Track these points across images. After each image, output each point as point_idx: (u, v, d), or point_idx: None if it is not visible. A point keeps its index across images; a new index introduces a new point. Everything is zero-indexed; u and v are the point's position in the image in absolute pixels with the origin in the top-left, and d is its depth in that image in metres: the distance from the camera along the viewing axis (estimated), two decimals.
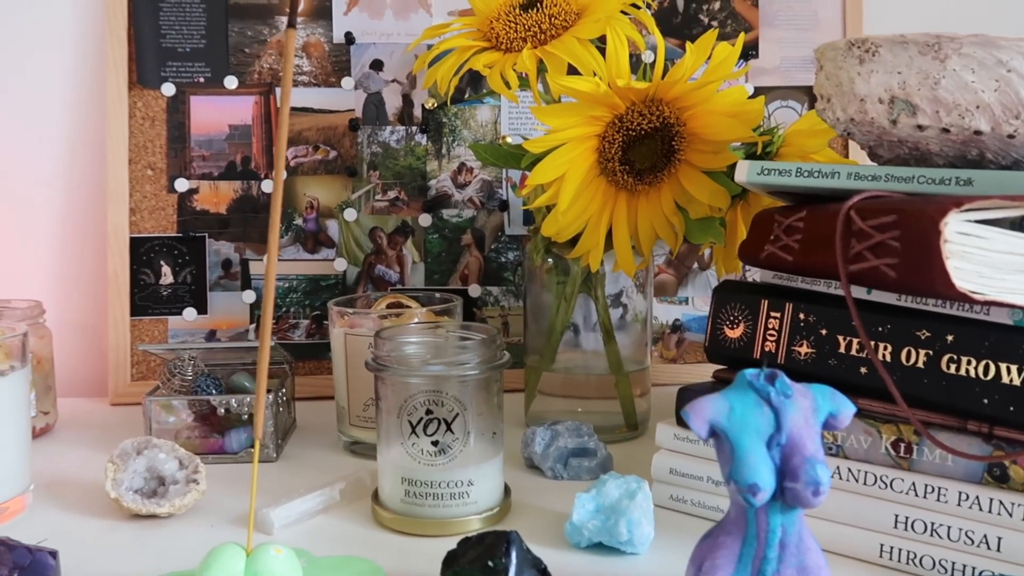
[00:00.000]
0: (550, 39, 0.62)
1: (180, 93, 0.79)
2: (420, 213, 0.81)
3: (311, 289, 0.80)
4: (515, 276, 0.82)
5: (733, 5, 0.84)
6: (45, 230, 0.81)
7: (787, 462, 0.35)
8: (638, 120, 0.57)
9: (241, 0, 0.80)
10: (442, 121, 0.81)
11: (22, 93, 0.80)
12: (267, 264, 0.39)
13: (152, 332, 0.78)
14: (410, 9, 0.81)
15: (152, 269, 0.79)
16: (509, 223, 0.82)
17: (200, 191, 0.79)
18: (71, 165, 0.81)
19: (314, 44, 0.81)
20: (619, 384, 0.67)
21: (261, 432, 0.40)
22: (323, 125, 0.80)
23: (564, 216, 0.58)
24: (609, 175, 0.59)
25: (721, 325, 0.56)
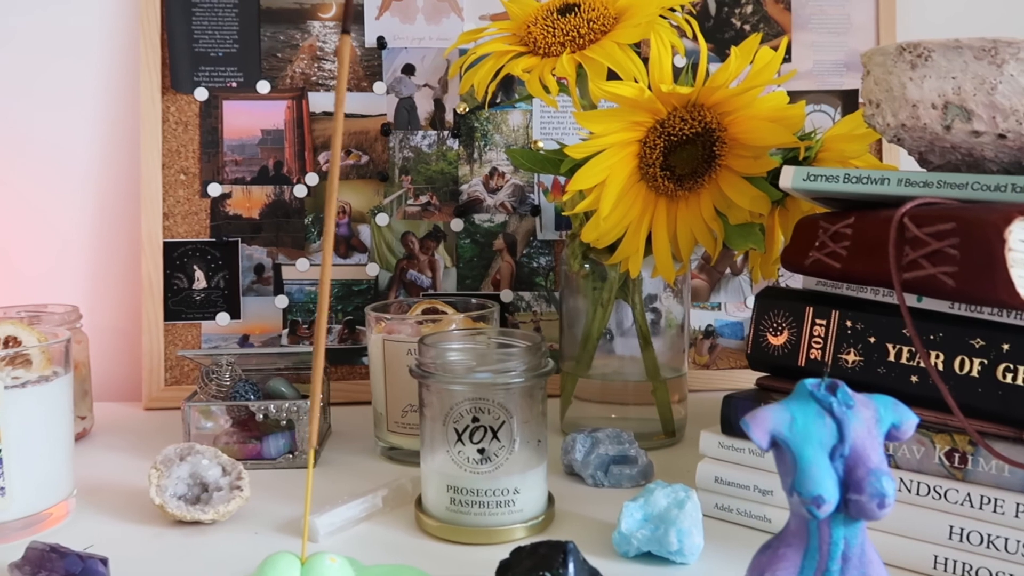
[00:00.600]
0: (588, 44, 0.62)
1: (213, 98, 0.79)
2: (452, 218, 0.81)
3: (343, 294, 0.80)
4: (547, 281, 0.82)
5: (765, 8, 0.84)
6: (80, 235, 0.81)
7: (851, 474, 0.34)
8: (680, 125, 0.57)
9: (273, 5, 0.80)
10: (474, 126, 0.81)
11: (56, 98, 0.81)
12: (322, 268, 0.39)
13: (185, 337, 0.79)
14: (442, 13, 0.81)
15: (185, 274, 0.79)
16: (541, 228, 0.82)
17: (233, 196, 0.79)
18: (105, 170, 0.81)
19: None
20: (656, 391, 0.66)
21: (315, 439, 0.39)
22: (355, 130, 0.81)
23: (604, 222, 0.58)
24: (649, 180, 0.59)
25: (764, 332, 0.55)
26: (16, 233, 0.81)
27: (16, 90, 0.80)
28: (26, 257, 0.81)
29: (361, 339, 0.80)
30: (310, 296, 0.80)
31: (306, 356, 0.67)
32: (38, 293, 0.79)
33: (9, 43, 0.80)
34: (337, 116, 0.38)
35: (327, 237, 0.40)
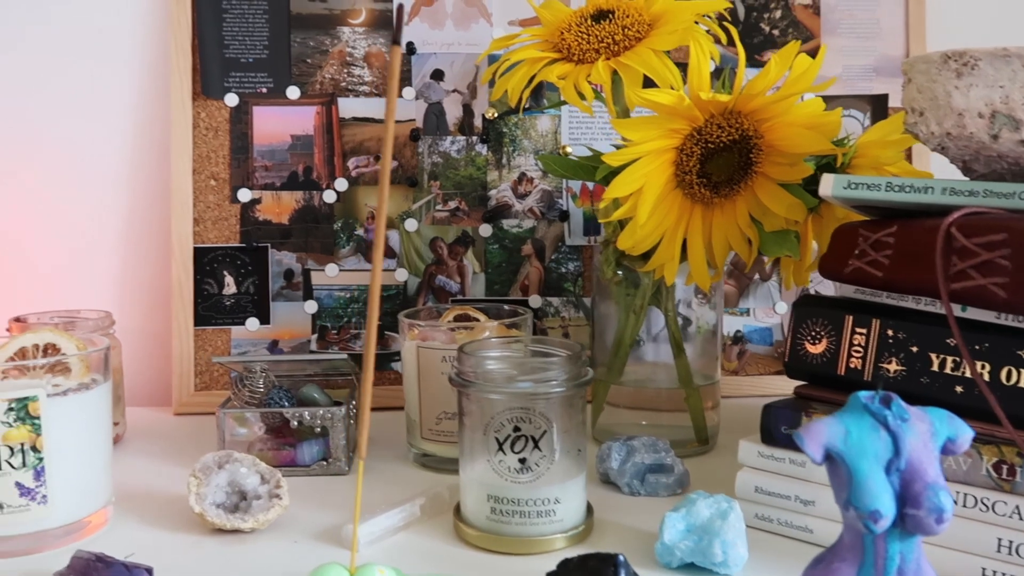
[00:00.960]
0: (623, 50, 0.62)
1: (243, 103, 0.79)
2: (480, 223, 0.81)
3: None
4: (575, 286, 0.82)
5: (794, 13, 0.84)
6: (110, 239, 0.82)
7: (908, 488, 0.34)
8: (717, 132, 0.57)
9: (303, 11, 0.80)
10: (502, 131, 0.81)
11: (87, 104, 0.81)
12: (372, 279, 0.39)
13: (215, 342, 0.79)
14: (471, 19, 0.81)
15: (215, 279, 0.79)
16: (569, 233, 0.82)
17: (263, 201, 0.80)
18: (135, 176, 0.82)
19: (375, 54, 0.81)
20: (689, 398, 0.66)
21: (365, 450, 0.39)
22: (384, 135, 0.80)
23: (641, 229, 0.58)
24: (686, 188, 0.59)
25: (802, 340, 0.55)
26: (47, 239, 0.81)
27: (47, 96, 0.81)
28: (57, 263, 0.81)
29: (390, 344, 0.80)
30: (339, 301, 0.80)
31: (338, 362, 0.68)
32: (69, 298, 0.79)
33: (40, 49, 0.80)
34: (388, 125, 0.38)
35: (377, 248, 0.40)
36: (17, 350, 0.54)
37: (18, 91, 0.80)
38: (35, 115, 0.81)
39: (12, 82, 0.80)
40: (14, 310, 0.71)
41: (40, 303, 0.78)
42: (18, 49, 0.80)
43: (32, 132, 0.81)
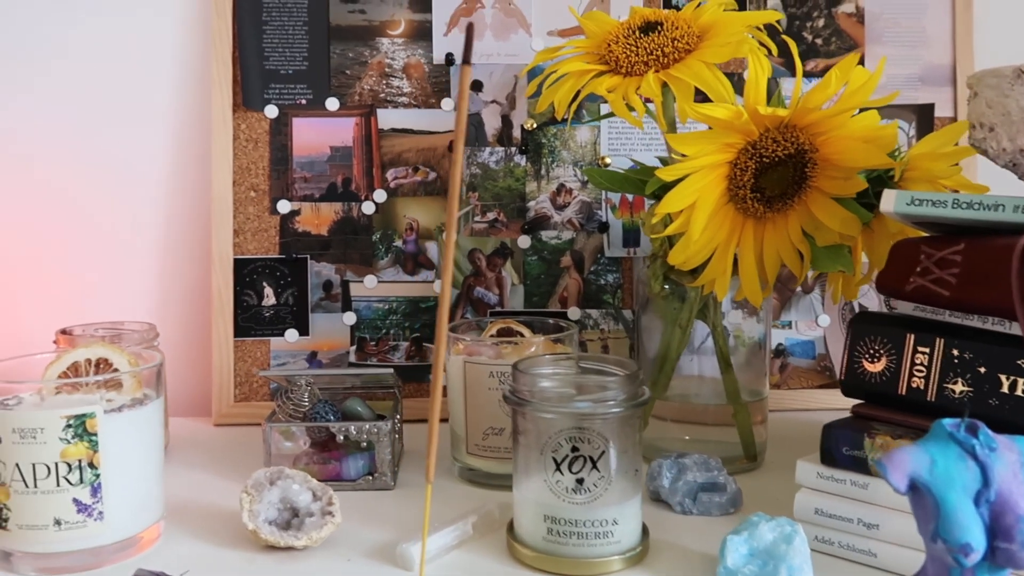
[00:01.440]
0: (673, 63, 0.61)
1: (283, 115, 0.79)
2: (519, 235, 0.80)
3: (411, 311, 0.80)
4: (615, 299, 0.81)
5: (838, 22, 0.82)
6: (151, 250, 0.82)
7: (998, 521, 0.33)
8: (772, 147, 0.56)
9: (342, 22, 0.80)
10: (541, 142, 0.81)
11: (128, 115, 0.81)
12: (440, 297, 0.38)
13: (254, 353, 0.79)
14: (510, 30, 0.81)
15: (255, 290, 0.79)
16: (609, 245, 0.81)
17: (302, 212, 0.79)
18: (176, 187, 0.82)
19: (414, 65, 0.80)
20: (737, 414, 0.65)
21: (432, 474, 0.39)
22: (423, 146, 0.80)
23: (693, 245, 0.57)
24: (738, 202, 0.58)
25: (860, 358, 0.54)
26: (88, 249, 0.81)
27: (88, 106, 0.81)
28: (99, 272, 0.82)
29: (428, 356, 0.80)
30: (377, 313, 0.80)
31: (382, 375, 0.67)
32: (111, 308, 0.79)
33: (82, 60, 0.81)
34: (457, 151, 0.38)
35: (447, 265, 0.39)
36: (70, 365, 0.53)
37: (60, 101, 0.81)
38: (76, 125, 0.81)
39: (53, 93, 0.81)
40: (58, 320, 0.71)
41: (83, 312, 0.78)
42: (60, 60, 0.81)
43: (73, 142, 0.81)
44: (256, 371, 0.76)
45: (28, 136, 0.81)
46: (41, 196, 0.81)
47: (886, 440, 0.49)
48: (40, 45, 0.80)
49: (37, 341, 0.72)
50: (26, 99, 0.81)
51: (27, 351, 0.78)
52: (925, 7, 0.83)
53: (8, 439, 0.46)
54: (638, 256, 0.81)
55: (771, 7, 0.82)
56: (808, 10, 0.82)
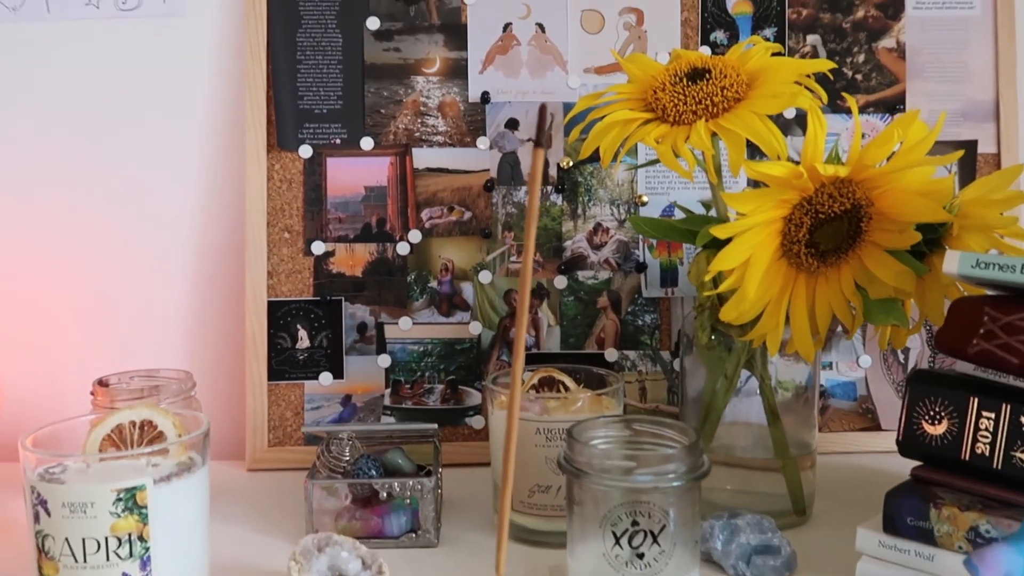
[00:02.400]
0: (722, 112, 0.60)
1: (317, 155, 0.78)
2: (555, 275, 0.79)
3: (446, 353, 0.79)
4: (652, 340, 0.80)
5: (878, 57, 0.81)
6: (185, 292, 0.81)
7: None
8: (828, 203, 0.55)
9: (377, 60, 0.79)
10: (577, 180, 0.80)
11: (161, 158, 0.80)
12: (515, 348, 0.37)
13: (288, 397, 0.78)
14: (546, 67, 0.80)
15: (289, 333, 0.78)
16: (646, 285, 0.80)
17: (336, 254, 0.78)
18: (210, 228, 0.81)
19: (449, 103, 0.79)
20: (786, 469, 0.64)
21: (503, 568, 0.38)
22: (458, 186, 0.79)
23: (747, 302, 0.56)
24: (792, 257, 0.57)
25: (919, 419, 0.53)
26: (121, 292, 0.81)
27: (120, 148, 0.80)
28: (132, 315, 0.81)
29: (464, 399, 0.79)
30: (412, 355, 0.79)
31: (425, 431, 0.66)
32: (145, 351, 0.79)
33: (114, 103, 0.80)
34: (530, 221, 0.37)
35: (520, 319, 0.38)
36: (114, 427, 0.53)
37: (91, 142, 0.80)
38: (108, 167, 0.80)
39: (84, 134, 0.80)
40: (94, 366, 0.71)
41: (118, 355, 0.77)
42: (90, 99, 0.80)
43: (106, 183, 0.80)
44: (302, 428, 0.75)
45: (59, 178, 0.80)
46: (72, 239, 0.80)
47: (953, 512, 0.48)
48: (70, 84, 0.80)
49: (73, 391, 0.72)
50: (56, 140, 0.80)
51: (64, 401, 0.77)
52: (967, 42, 0.81)
53: (58, 513, 0.45)
54: (676, 296, 0.80)
55: (811, 43, 0.81)
56: (848, 45, 0.81)
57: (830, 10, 0.81)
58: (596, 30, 0.80)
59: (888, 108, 0.81)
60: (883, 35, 0.81)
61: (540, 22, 0.79)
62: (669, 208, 0.80)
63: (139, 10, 0.80)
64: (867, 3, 0.81)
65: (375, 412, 0.78)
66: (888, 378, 0.81)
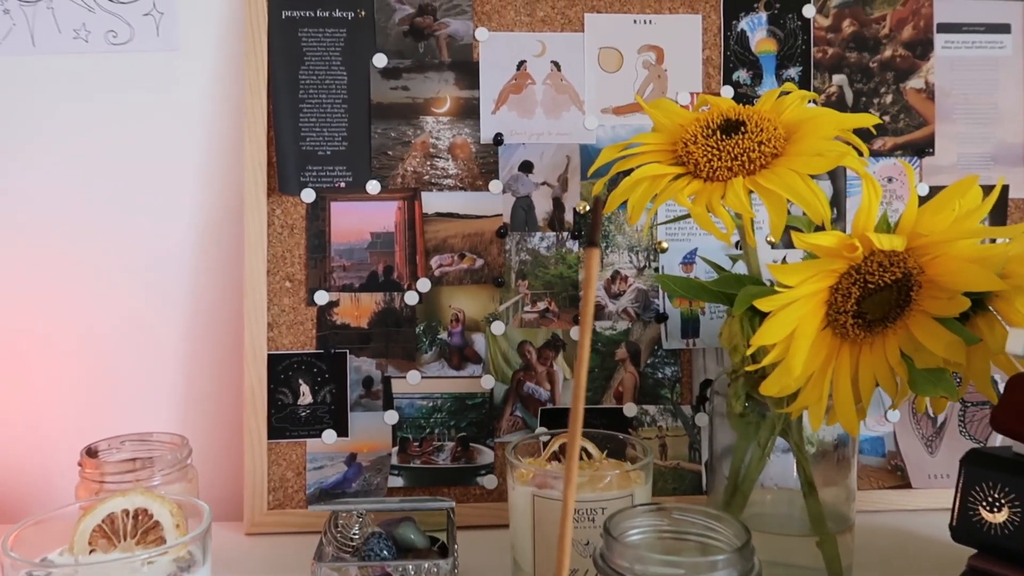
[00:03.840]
0: (759, 168, 0.56)
1: (320, 199, 0.74)
2: (572, 325, 0.75)
3: (456, 408, 0.75)
4: (673, 393, 0.76)
5: (906, 98, 0.78)
6: (179, 345, 0.76)
7: None
8: (879, 272, 0.51)
9: (384, 100, 0.75)
10: None
11: (154, 201, 0.76)
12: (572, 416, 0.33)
13: (289, 456, 0.73)
14: (561, 107, 0.76)
15: (290, 388, 0.74)
16: (667, 336, 0.76)
17: (340, 304, 0.74)
18: (206, 277, 0.76)
19: (460, 145, 0.75)
20: (824, 544, 0.60)
21: None
22: (469, 231, 0.75)
23: (791, 377, 0.52)
24: (837, 327, 0.53)
25: (975, 505, 0.49)
26: (111, 343, 0.76)
27: (110, 189, 0.76)
28: (123, 368, 0.76)
29: (475, 457, 0.75)
30: (421, 411, 0.74)
31: (437, 507, 0.62)
32: (136, 408, 0.74)
33: (103, 143, 0.75)
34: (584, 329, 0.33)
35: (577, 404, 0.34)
36: (105, 517, 0.48)
37: (78, 181, 0.75)
38: (97, 208, 0.76)
39: (71, 172, 0.75)
40: (83, 425, 0.66)
41: (108, 413, 0.73)
42: (78, 137, 0.75)
43: (94, 226, 0.76)
44: (309, 507, 0.70)
45: (41, 224, 0.75)
46: (56, 290, 0.75)
47: None
48: (56, 123, 0.75)
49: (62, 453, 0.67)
50: (39, 183, 0.75)
51: (51, 467, 0.73)
52: (997, 83, 0.78)
53: None
54: (697, 348, 0.76)
55: (837, 83, 0.78)
56: (875, 86, 0.78)
57: (857, 49, 0.78)
58: (614, 69, 0.76)
59: (917, 151, 0.78)
60: (911, 75, 0.78)
61: (556, 60, 0.76)
62: (690, 255, 0.76)
63: (131, 44, 0.75)
64: (895, 42, 0.78)
65: (382, 472, 0.74)
66: (917, 432, 0.78)
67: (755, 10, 0.77)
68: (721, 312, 0.77)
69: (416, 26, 0.75)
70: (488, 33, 0.75)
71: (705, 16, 0.76)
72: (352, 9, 0.75)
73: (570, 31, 0.76)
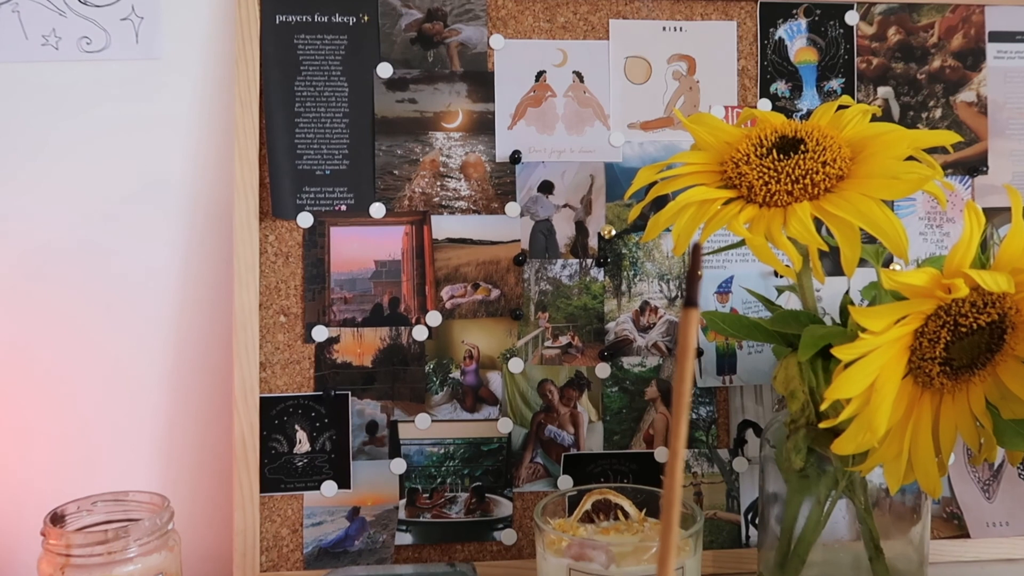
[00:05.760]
0: (823, 192, 0.50)
1: (318, 224, 0.67)
2: (597, 362, 0.68)
3: (470, 455, 0.67)
4: (708, 436, 0.69)
5: (956, 112, 0.72)
6: (160, 386, 0.68)
7: None
8: (972, 314, 0.45)
9: (389, 114, 0.68)
10: (621, 252, 0.69)
11: (133, 226, 0.68)
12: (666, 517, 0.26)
13: (285, 511, 0.66)
14: (585, 122, 0.69)
15: (285, 435, 0.66)
16: (701, 373, 0.69)
17: (341, 340, 0.67)
18: (191, 311, 0.69)
19: (473, 163, 0.68)
20: None
21: None
22: (483, 259, 0.68)
23: (873, 434, 0.45)
24: (920, 375, 0.46)
25: None
26: (86, 384, 0.68)
27: (81, 218, 0.68)
28: (97, 414, 0.68)
29: (492, 509, 0.67)
30: (431, 459, 0.67)
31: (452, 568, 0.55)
32: (113, 458, 0.66)
33: (74, 163, 0.68)
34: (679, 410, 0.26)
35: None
36: None
37: (43, 206, 0.68)
38: (64, 236, 0.68)
39: (35, 196, 0.67)
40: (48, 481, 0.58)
41: (84, 471, 0.64)
42: (45, 156, 0.68)
43: (60, 257, 0.68)
44: (308, 570, 0.63)
45: (17, 248, 0.67)
46: (20, 331, 0.67)
47: None
48: (19, 140, 0.67)
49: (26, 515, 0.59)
50: (2, 204, 0.67)
51: (12, 534, 0.64)
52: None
53: None
54: (735, 385, 0.69)
55: (882, 96, 0.71)
56: (923, 99, 0.72)
57: (903, 59, 0.71)
58: (642, 80, 0.70)
59: (969, 169, 0.72)
60: (962, 88, 0.72)
61: (578, 70, 0.69)
62: (726, 283, 0.70)
63: (107, 51, 0.68)
64: (944, 52, 0.72)
65: (388, 528, 0.66)
66: (973, 477, 0.71)
67: (794, 16, 0.71)
68: (760, 347, 0.70)
69: (424, 32, 0.68)
70: (504, 41, 0.68)
71: (740, 23, 0.70)
72: (354, 13, 0.67)
73: (594, 39, 0.69)
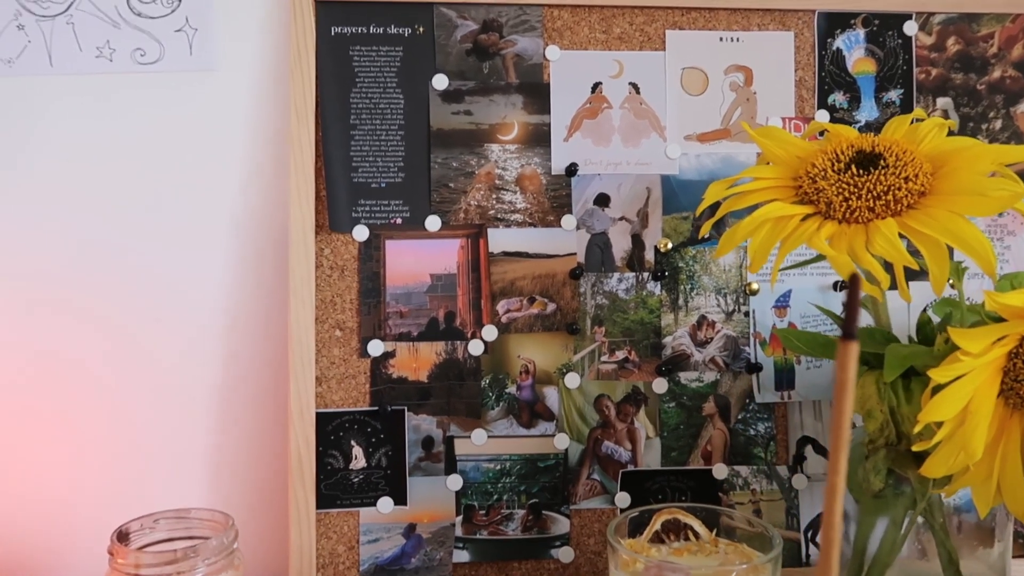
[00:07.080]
0: (905, 209, 0.49)
1: (374, 237, 0.66)
2: (654, 377, 0.67)
3: (526, 472, 0.66)
4: (767, 452, 0.68)
5: (1017, 123, 0.71)
6: (214, 402, 0.68)
7: None
8: None
9: (445, 126, 0.67)
10: (678, 266, 0.68)
11: (187, 239, 0.67)
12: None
13: (341, 528, 0.65)
14: (641, 134, 0.68)
15: (341, 451, 0.65)
16: (759, 388, 0.68)
17: (397, 355, 0.66)
18: (246, 327, 0.68)
19: (529, 176, 0.68)
20: None
21: None
22: (539, 273, 0.67)
23: (967, 458, 0.44)
24: (1013, 397, 0.45)
25: None
26: (139, 398, 0.67)
27: (136, 229, 0.67)
28: (149, 429, 0.67)
29: (549, 527, 0.66)
30: (487, 475, 0.66)
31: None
32: (166, 473, 0.66)
33: (129, 175, 0.67)
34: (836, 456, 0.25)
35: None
36: None
37: (99, 218, 0.67)
38: (120, 248, 0.67)
39: (91, 207, 0.67)
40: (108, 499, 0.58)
41: (133, 482, 0.64)
42: (101, 167, 0.67)
43: (115, 269, 0.67)
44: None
45: (56, 267, 0.67)
46: (72, 343, 0.67)
47: None
48: (75, 151, 0.67)
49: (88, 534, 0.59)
50: (55, 221, 0.67)
51: (77, 554, 0.64)
52: None
53: None
54: (793, 401, 0.68)
55: (941, 107, 0.71)
56: (983, 110, 0.71)
57: (963, 70, 0.71)
58: (699, 91, 0.69)
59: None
60: (1022, 98, 0.71)
61: (634, 81, 0.68)
62: (784, 298, 0.69)
63: (161, 63, 0.67)
64: (1004, 62, 0.71)
65: (445, 545, 0.65)
66: None
67: (852, 27, 0.70)
68: (818, 362, 0.69)
69: (480, 44, 0.67)
70: (560, 52, 0.67)
71: (798, 33, 0.69)
72: (409, 25, 0.67)
73: (650, 49, 0.68)
